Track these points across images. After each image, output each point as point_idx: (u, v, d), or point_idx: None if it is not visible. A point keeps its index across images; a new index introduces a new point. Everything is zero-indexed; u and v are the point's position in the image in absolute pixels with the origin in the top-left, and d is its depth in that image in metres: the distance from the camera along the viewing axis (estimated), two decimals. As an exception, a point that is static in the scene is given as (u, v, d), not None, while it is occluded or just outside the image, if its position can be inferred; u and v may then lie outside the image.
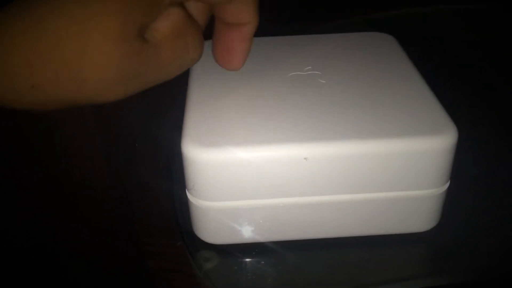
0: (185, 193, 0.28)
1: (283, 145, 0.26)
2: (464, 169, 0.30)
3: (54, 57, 0.21)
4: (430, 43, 0.50)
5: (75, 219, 0.41)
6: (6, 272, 0.41)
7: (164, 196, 0.33)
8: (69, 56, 0.21)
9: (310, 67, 0.32)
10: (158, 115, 0.32)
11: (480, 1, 0.54)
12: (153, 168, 0.36)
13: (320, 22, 0.50)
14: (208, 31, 0.29)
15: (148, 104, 0.39)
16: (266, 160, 0.26)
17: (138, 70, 0.23)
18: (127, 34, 0.22)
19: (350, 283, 0.29)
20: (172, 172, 0.34)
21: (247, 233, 0.29)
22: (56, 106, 0.23)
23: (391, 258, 0.30)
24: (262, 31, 0.31)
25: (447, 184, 0.28)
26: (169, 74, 0.26)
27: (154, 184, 0.35)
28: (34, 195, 0.42)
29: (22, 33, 0.21)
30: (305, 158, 0.26)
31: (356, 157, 0.26)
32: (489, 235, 0.31)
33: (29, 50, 0.21)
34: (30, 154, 0.40)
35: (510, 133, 0.38)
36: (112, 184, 0.40)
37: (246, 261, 0.29)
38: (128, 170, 0.36)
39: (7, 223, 0.41)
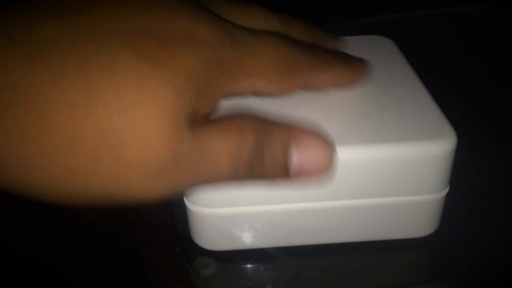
0: (183, 200, 0.28)
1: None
2: (463, 174, 0.30)
3: (99, 132, 0.19)
4: (429, 47, 0.50)
5: (74, 225, 0.41)
6: (8, 275, 0.41)
7: (162, 203, 0.33)
8: (114, 132, 0.19)
9: (308, 72, 0.32)
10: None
11: (479, 4, 0.54)
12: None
13: (318, 26, 0.50)
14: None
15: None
16: (264, 166, 0.26)
17: (186, 154, 0.20)
18: (179, 115, 0.20)
19: (349, 289, 0.29)
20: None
21: (245, 239, 0.29)
22: (86, 201, 0.21)
23: (390, 263, 0.29)
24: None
25: (446, 190, 0.28)
26: (222, 172, 0.22)
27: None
28: (33, 203, 0.42)
29: (71, 105, 0.19)
30: None
31: (354, 162, 0.26)
32: (489, 240, 0.30)
33: (75, 124, 0.19)
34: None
35: (510, 138, 0.38)
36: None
37: (245, 267, 0.29)
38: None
39: (9, 227, 0.41)
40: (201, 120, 0.22)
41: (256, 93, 0.25)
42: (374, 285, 0.29)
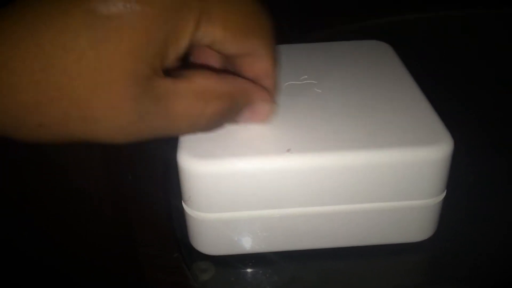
0: (182, 204, 0.28)
1: (279, 156, 0.26)
2: (461, 178, 0.30)
3: (63, 96, 0.20)
4: (426, 51, 0.50)
5: (71, 231, 0.41)
6: (8, 275, 0.41)
7: (161, 207, 0.33)
8: (78, 96, 0.20)
9: (306, 76, 0.32)
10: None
11: (476, 7, 0.54)
12: (149, 179, 0.36)
13: (316, 30, 0.50)
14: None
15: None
16: (261, 171, 0.26)
17: (151, 111, 0.22)
18: (140, 75, 0.21)
19: (346, 293, 0.29)
20: (168, 183, 0.34)
21: (243, 244, 0.29)
22: (68, 142, 0.22)
23: (387, 268, 0.30)
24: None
25: (443, 194, 0.28)
26: (181, 129, 0.24)
27: (150, 195, 0.35)
28: (32, 203, 0.42)
29: (29, 71, 0.20)
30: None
31: (353, 167, 0.26)
32: (486, 244, 0.31)
33: (36, 89, 0.20)
34: (28, 163, 0.40)
35: (506, 142, 0.38)
36: (108, 195, 0.40)
37: (243, 272, 0.29)
38: (125, 181, 0.36)
39: (9, 227, 0.41)
40: (165, 70, 0.22)
41: (214, 46, 0.24)
42: (372, 289, 0.29)
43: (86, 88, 0.20)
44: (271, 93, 0.27)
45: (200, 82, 0.23)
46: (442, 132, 0.27)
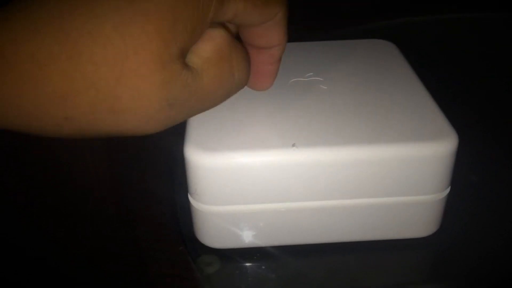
0: (187, 198, 0.28)
1: (285, 150, 0.26)
2: (464, 174, 0.30)
3: (90, 85, 0.19)
4: (431, 50, 0.50)
5: (76, 224, 0.41)
6: (8, 275, 0.42)
7: (166, 201, 0.33)
8: (105, 85, 0.19)
9: (311, 74, 0.32)
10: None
11: (481, 10, 0.55)
12: (155, 172, 0.36)
13: (322, 30, 0.50)
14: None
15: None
16: (267, 165, 0.26)
17: (180, 97, 0.21)
18: (167, 57, 0.20)
19: (350, 288, 0.29)
20: (174, 176, 0.34)
21: (248, 238, 0.29)
22: (94, 136, 0.21)
23: (391, 263, 0.30)
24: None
25: (448, 190, 0.28)
26: (215, 102, 0.24)
27: (156, 188, 0.35)
28: (36, 200, 0.42)
29: (55, 61, 0.19)
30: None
31: (357, 162, 0.26)
32: (489, 241, 0.31)
33: (63, 79, 0.19)
34: (33, 160, 0.40)
35: (510, 139, 0.38)
36: (113, 188, 0.40)
37: (247, 266, 0.29)
38: (130, 174, 0.36)
39: (9, 227, 0.41)
40: (191, 53, 0.22)
41: (236, 20, 0.24)
42: (375, 284, 0.29)
43: (112, 76, 0.19)
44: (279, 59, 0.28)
45: (216, 44, 0.23)
46: (447, 128, 0.27)
